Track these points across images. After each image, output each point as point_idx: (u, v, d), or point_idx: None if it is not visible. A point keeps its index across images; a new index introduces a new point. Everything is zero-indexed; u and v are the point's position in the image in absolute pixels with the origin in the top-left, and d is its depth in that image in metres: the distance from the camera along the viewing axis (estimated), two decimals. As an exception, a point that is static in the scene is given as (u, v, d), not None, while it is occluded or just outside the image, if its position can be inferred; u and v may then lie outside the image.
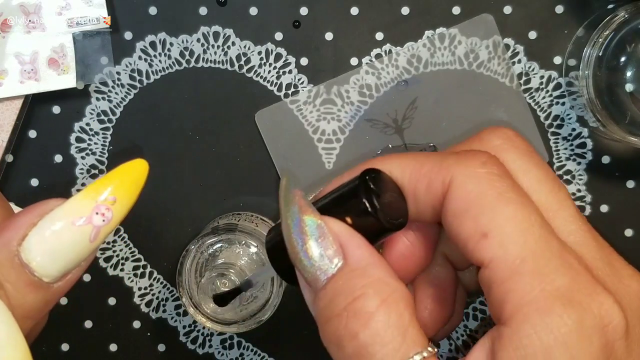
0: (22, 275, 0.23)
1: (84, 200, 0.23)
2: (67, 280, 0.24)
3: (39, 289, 0.23)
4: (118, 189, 0.24)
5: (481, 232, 0.23)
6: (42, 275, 0.23)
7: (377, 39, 0.44)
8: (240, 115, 0.45)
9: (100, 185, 0.24)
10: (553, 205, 0.24)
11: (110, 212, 0.24)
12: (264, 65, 0.44)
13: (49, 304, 0.24)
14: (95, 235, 0.23)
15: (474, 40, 0.44)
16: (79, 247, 0.23)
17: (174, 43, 0.44)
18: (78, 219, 0.23)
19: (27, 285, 0.23)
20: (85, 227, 0.23)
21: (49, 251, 0.23)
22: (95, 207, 0.23)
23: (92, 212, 0.23)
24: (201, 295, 0.40)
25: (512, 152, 0.26)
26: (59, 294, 0.24)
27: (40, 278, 0.23)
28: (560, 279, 0.21)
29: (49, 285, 0.24)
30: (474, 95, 0.44)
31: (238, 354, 0.47)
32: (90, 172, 0.45)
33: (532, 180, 0.25)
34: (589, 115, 0.43)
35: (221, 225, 0.41)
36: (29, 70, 0.43)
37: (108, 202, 0.24)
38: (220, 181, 0.45)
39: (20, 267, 0.23)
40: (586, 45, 0.42)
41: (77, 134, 0.45)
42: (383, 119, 0.44)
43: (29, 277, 0.23)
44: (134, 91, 0.45)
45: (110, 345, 0.46)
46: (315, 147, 0.45)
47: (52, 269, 0.23)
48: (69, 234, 0.23)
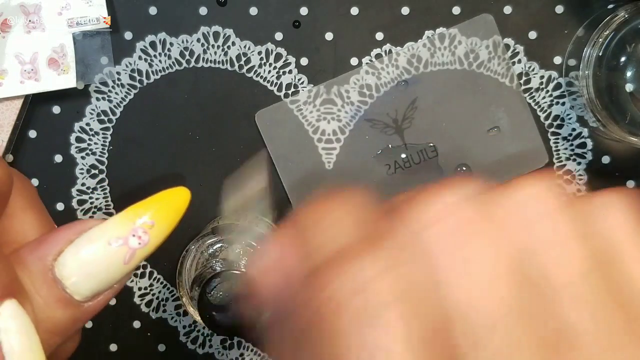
0: (53, 290, 0.23)
1: (123, 222, 0.24)
2: (98, 301, 0.24)
3: (69, 305, 0.23)
4: (157, 214, 0.24)
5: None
6: (73, 293, 0.23)
7: (377, 39, 0.44)
8: (240, 115, 0.45)
9: (140, 209, 0.24)
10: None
11: (147, 236, 0.24)
12: (264, 65, 0.44)
13: (77, 323, 0.24)
14: (129, 258, 0.23)
15: (474, 40, 0.44)
16: (113, 267, 0.23)
17: (174, 43, 0.44)
18: (115, 239, 0.23)
19: (58, 301, 0.23)
20: (121, 248, 0.23)
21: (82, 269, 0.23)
22: (133, 229, 0.23)
23: (129, 234, 0.23)
24: None
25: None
26: (88, 313, 0.24)
27: (71, 295, 0.23)
28: None
29: (79, 303, 0.24)
30: (474, 95, 0.44)
31: (238, 354, 0.47)
32: (90, 172, 0.45)
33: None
34: (589, 115, 0.43)
35: (221, 225, 0.41)
36: (29, 70, 0.42)
37: (146, 225, 0.24)
38: (220, 181, 0.45)
39: (52, 281, 0.23)
40: (586, 45, 0.42)
41: (77, 134, 0.45)
42: (383, 119, 0.44)
43: (60, 292, 0.23)
44: (134, 91, 0.45)
45: (110, 345, 0.46)
46: (315, 147, 0.45)
47: (84, 287, 0.23)
48: (104, 253, 0.23)
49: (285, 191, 0.45)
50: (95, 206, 0.45)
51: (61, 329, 0.24)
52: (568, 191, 0.20)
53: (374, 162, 0.45)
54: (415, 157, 0.45)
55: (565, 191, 0.19)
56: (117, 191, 0.45)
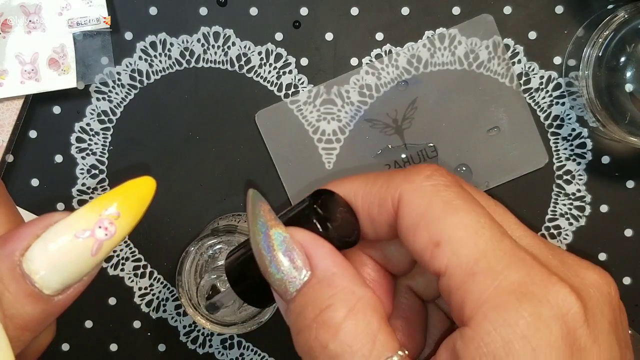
0: (22, 285, 0.23)
1: (88, 214, 0.24)
2: (68, 294, 0.24)
3: (39, 300, 0.23)
4: (123, 205, 0.24)
5: (434, 242, 0.23)
6: (42, 287, 0.23)
7: (377, 39, 0.44)
8: (240, 116, 0.45)
9: (105, 200, 0.24)
10: (496, 215, 0.25)
11: (113, 227, 0.24)
12: (264, 66, 0.44)
13: (48, 317, 0.24)
14: (97, 250, 0.23)
15: (474, 41, 0.44)
16: (81, 260, 0.23)
17: (174, 43, 0.44)
18: (81, 232, 0.23)
19: (27, 296, 0.23)
20: (88, 240, 0.23)
21: (50, 263, 0.23)
22: (99, 221, 0.23)
23: (95, 226, 0.23)
24: (200, 296, 0.40)
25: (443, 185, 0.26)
26: (59, 307, 0.24)
27: (40, 290, 0.23)
28: (514, 274, 0.22)
29: (49, 297, 0.23)
30: (474, 96, 0.44)
31: (238, 354, 0.47)
32: (90, 172, 0.45)
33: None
34: (588, 115, 0.43)
35: (221, 226, 0.41)
36: (29, 70, 0.43)
37: (112, 216, 0.24)
38: (220, 181, 0.45)
39: (21, 277, 0.23)
40: (586, 46, 0.42)
41: (77, 134, 0.45)
42: (383, 119, 0.44)
43: (29, 288, 0.23)
44: (134, 91, 0.45)
45: (110, 345, 0.46)
46: (315, 147, 0.45)
47: (53, 281, 0.23)
48: (71, 246, 0.23)
49: (285, 191, 0.45)
50: (95, 206, 0.45)
51: (32, 324, 0.23)
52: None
53: (374, 162, 0.45)
54: (415, 157, 0.45)
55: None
56: (117, 191, 0.45)
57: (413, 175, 0.25)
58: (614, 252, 0.45)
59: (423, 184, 0.24)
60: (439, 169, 0.25)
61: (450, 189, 0.24)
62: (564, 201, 0.45)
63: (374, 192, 0.26)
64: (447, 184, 0.24)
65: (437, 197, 0.24)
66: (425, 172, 0.25)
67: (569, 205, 0.45)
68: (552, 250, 0.25)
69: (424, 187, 0.24)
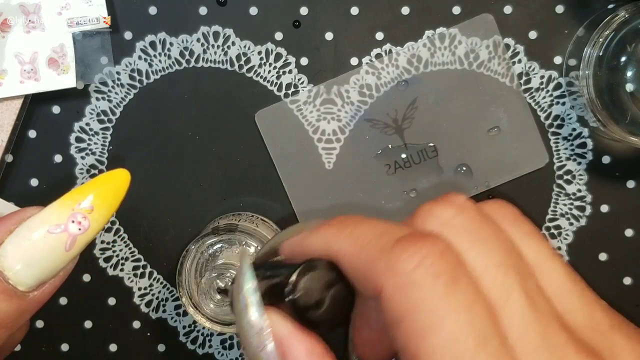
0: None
1: (61, 209, 0.23)
2: (44, 290, 0.24)
3: (13, 297, 0.23)
4: (96, 198, 0.24)
5: (412, 354, 0.20)
6: (16, 284, 0.23)
7: (377, 38, 0.44)
8: (240, 115, 0.44)
9: (77, 194, 0.24)
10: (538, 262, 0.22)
11: (87, 221, 0.23)
12: (264, 65, 0.44)
13: (24, 314, 0.24)
14: (71, 244, 0.23)
15: (474, 40, 0.44)
16: (55, 255, 0.23)
17: (174, 43, 0.44)
18: (54, 227, 0.23)
19: (1, 293, 0.23)
20: (61, 235, 0.23)
21: (24, 259, 0.23)
22: (72, 215, 0.23)
23: (69, 220, 0.23)
24: (201, 295, 0.40)
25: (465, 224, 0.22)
26: (35, 304, 0.24)
27: (14, 286, 0.23)
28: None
29: (24, 294, 0.23)
30: (474, 95, 0.44)
31: (238, 354, 0.47)
32: (90, 172, 0.45)
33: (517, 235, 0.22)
34: (589, 115, 0.43)
35: (221, 225, 0.41)
36: (28, 70, 0.42)
37: (85, 210, 0.23)
38: (220, 181, 0.45)
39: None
40: (586, 45, 0.42)
41: (76, 133, 0.45)
42: (383, 119, 0.44)
43: (3, 284, 0.23)
44: (133, 91, 0.44)
45: (110, 345, 0.46)
46: (315, 147, 0.44)
47: (27, 277, 0.23)
48: (45, 241, 0.23)
49: (285, 191, 0.45)
50: (95, 206, 0.45)
51: (8, 321, 0.23)
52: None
53: (374, 162, 0.45)
54: (415, 157, 0.45)
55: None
56: (117, 191, 0.45)
57: (399, 262, 0.21)
58: (615, 252, 0.45)
59: (410, 275, 0.20)
60: (434, 246, 0.21)
61: (445, 286, 0.20)
62: (564, 201, 0.45)
63: (361, 262, 0.22)
64: (442, 270, 0.20)
65: (421, 300, 0.20)
66: (417, 254, 0.20)
67: (569, 205, 0.45)
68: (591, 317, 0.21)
69: (410, 282, 0.20)
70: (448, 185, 0.45)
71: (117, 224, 0.45)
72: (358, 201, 0.45)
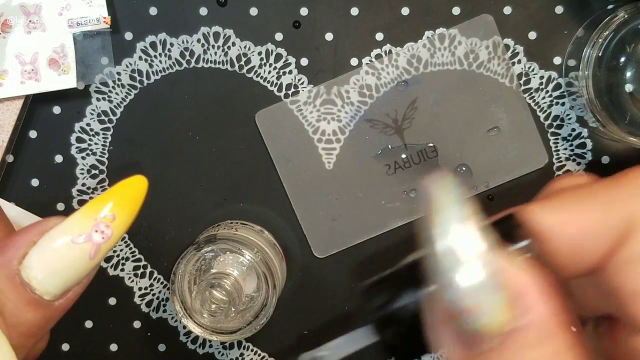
0: (22, 293, 0.23)
1: (84, 219, 0.23)
2: (68, 297, 0.24)
3: (40, 307, 0.23)
4: (117, 206, 0.24)
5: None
6: (42, 293, 0.23)
7: (377, 39, 0.44)
8: (240, 116, 0.45)
9: (99, 203, 0.24)
10: None
11: (109, 230, 0.24)
12: (264, 66, 0.44)
13: (50, 322, 0.24)
14: (95, 253, 0.23)
15: (473, 41, 0.44)
16: (79, 264, 0.23)
17: (174, 43, 0.44)
18: (77, 236, 0.23)
19: (28, 304, 0.23)
20: (85, 244, 0.23)
21: (49, 269, 0.23)
22: (95, 224, 0.23)
23: (92, 230, 0.23)
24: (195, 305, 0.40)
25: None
26: (60, 311, 0.24)
27: (40, 296, 0.23)
28: None
29: (49, 303, 0.24)
30: (474, 96, 0.44)
31: (238, 354, 0.47)
32: (90, 172, 0.45)
33: None
34: (588, 115, 0.43)
35: (201, 239, 0.41)
36: (29, 70, 0.43)
37: (107, 219, 0.24)
38: (221, 181, 0.45)
39: (20, 285, 0.23)
40: (586, 46, 0.42)
41: (77, 134, 0.45)
42: (383, 119, 0.44)
43: (29, 295, 0.23)
44: (134, 91, 0.45)
45: (110, 345, 0.46)
46: (315, 147, 0.45)
47: (52, 286, 0.23)
48: (69, 251, 0.23)
49: (285, 191, 0.45)
50: (95, 206, 0.45)
51: (34, 330, 0.24)
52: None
53: (374, 162, 0.45)
54: (415, 157, 0.45)
55: None
56: (117, 191, 0.45)
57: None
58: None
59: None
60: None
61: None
62: (563, 201, 0.45)
63: (592, 218, 0.21)
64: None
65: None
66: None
67: (568, 206, 0.45)
68: None
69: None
70: (448, 186, 0.45)
71: (118, 224, 0.45)
72: (358, 201, 0.45)
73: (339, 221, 0.45)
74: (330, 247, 0.45)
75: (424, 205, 0.19)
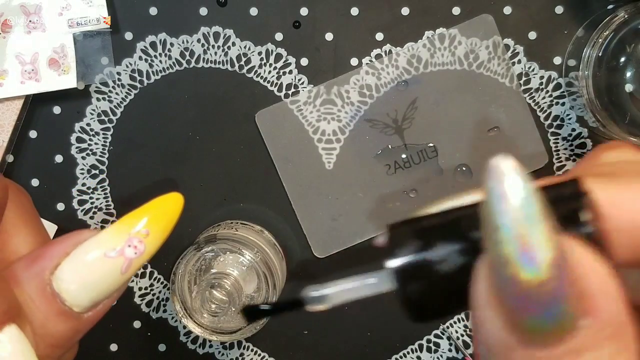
0: (53, 304, 0.23)
1: (117, 233, 0.23)
2: (98, 310, 0.24)
3: (69, 318, 0.23)
4: (151, 222, 0.24)
5: None
6: (73, 305, 0.23)
7: (377, 39, 0.44)
8: (240, 116, 0.45)
9: (133, 218, 0.24)
10: None
11: (142, 245, 0.24)
12: (264, 66, 0.44)
13: (78, 334, 0.24)
14: (127, 268, 0.23)
15: (474, 41, 0.44)
16: (111, 278, 0.23)
17: (175, 43, 0.44)
18: (111, 250, 0.23)
19: (58, 315, 0.23)
20: (118, 259, 0.23)
21: (81, 281, 0.23)
22: (128, 239, 0.23)
23: (125, 245, 0.23)
24: (195, 304, 0.40)
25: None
26: (89, 323, 0.24)
27: (70, 308, 0.23)
28: None
29: (79, 315, 0.24)
30: (474, 96, 0.44)
31: (238, 354, 0.47)
32: (90, 172, 0.45)
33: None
34: (588, 115, 0.43)
35: (201, 239, 0.41)
36: (29, 70, 0.42)
37: (141, 235, 0.24)
38: (221, 181, 0.45)
39: (51, 296, 0.23)
40: (586, 46, 0.42)
41: (77, 134, 0.45)
42: (383, 119, 0.44)
43: (60, 306, 0.23)
44: (134, 91, 0.45)
45: (110, 345, 0.46)
46: (315, 147, 0.45)
47: (83, 299, 0.23)
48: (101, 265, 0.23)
49: (285, 191, 0.45)
50: (95, 206, 0.45)
51: (63, 341, 0.24)
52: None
53: (374, 162, 0.45)
54: (415, 157, 0.45)
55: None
56: (117, 191, 0.45)
57: None
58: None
59: None
60: None
61: None
62: (564, 201, 0.45)
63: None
64: None
65: None
66: None
67: (569, 206, 0.45)
68: None
69: None
70: (448, 185, 0.45)
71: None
72: (358, 201, 0.45)
73: (339, 221, 0.45)
74: (330, 247, 0.45)
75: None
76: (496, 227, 0.16)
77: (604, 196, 0.19)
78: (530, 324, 0.16)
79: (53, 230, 0.44)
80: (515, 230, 0.16)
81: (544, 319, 0.16)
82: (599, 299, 0.16)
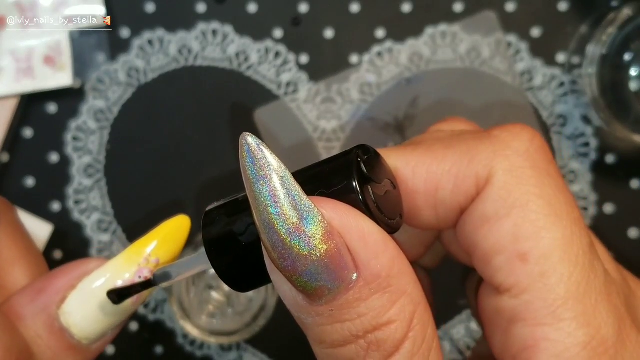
0: (62, 340, 0.22)
1: (127, 264, 0.23)
2: (106, 340, 0.24)
3: (79, 352, 0.23)
4: (160, 249, 0.23)
5: (519, 251, 0.19)
6: (81, 339, 0.23)
7: (378, 36, 0.44)
8: (239, 114, 0.44)
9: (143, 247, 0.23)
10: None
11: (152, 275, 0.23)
12: (263, 63, 0.44)
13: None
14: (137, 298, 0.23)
15: (476, 38, 0.43)
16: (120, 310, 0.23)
17: (172, 40, 0.44)
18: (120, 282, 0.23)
19: (68, 350, 0.22)
20: None
21: (89, 315, 0.22)
22: (139, 270, 0.23)
23: (135, 276, 0.23)
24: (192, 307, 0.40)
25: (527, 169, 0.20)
26: (97, 352, 0.24)
27: (79, 341, 0.23)
28: (606, 328, 0.18)
29: (88, 346, 0.23)
30: (476, 94, 0.44)
31: (237, 356, 0.46)
32: (87, 172, 0.45)
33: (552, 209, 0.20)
34: (592, 113, 0.43)
35: (199, 240, 0.41)
36: (24, 68, 0.42)
37: (151, 264, 0.23)
38: (219, 180, 0.45)
39: (59, 332, 0.22)
40: (590, 43, 0.42)
41: (73, 132, 0.44)
42: (384, 117, 0.44)
43: (69, 341, 0.22)
44: (131, 89, 0.44)
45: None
46: (315, 146, 0.44)
47: (91, 332, 0.23)
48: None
49: (284, 191, 0.44)
50: (92, 206, 0.45)
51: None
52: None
53: (374, 162, 0.44)
54: (416, 156, 0.44)
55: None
56: (114, 191, 0.45)
57: (506, 149, 0.20)
58: (619, 252, 0.45)
59: (521, 164, 0.19)
60: (535, 136, 0.20)
61: (551, 174, 0.19)
62: (567, 201, 0.45)
63: (445, 168, 0.20)
64: (547, 164, 0.20)
65: (540, 188, 0.19)
66: (524, 144, 0.20)
67: (572, 205, 0.45)
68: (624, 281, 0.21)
69: (522, 170, 0.19)
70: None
71: (115, 223, 0.45)
72: (359, 201, 0.44)
73: (339, 221, 0.44)
74: (330, 247, 0.45)
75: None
76: (254, 198, 0.19)
77: (401, 162, 0.21)
78: (302, 283, 0.18)
79: (48, 230, 0.44)
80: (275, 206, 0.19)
81: (313, 278, 0.18)
82: (362, 257, 0.18)
